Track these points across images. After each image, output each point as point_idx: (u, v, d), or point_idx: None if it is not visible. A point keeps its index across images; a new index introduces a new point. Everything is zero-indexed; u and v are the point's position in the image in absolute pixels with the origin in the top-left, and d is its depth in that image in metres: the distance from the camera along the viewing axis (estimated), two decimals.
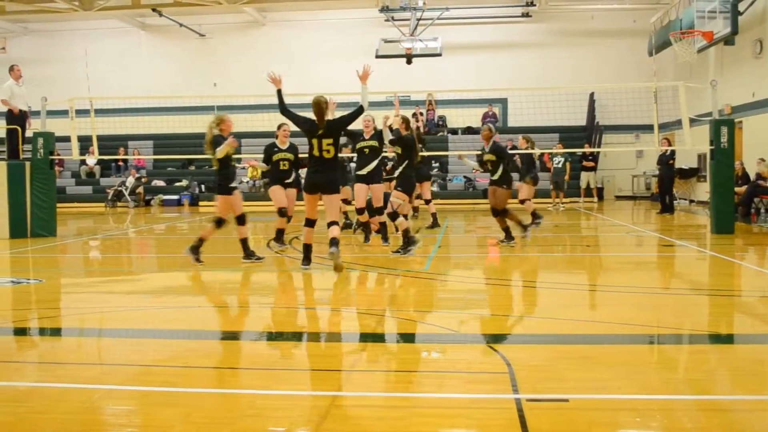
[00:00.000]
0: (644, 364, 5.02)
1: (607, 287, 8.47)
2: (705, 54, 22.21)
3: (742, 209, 16.61)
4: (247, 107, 28.49)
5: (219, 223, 10.34)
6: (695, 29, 19.89)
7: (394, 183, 11.32)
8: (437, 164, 28.77)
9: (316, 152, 9.33)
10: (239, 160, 16.30)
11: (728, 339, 5.83)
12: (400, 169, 10.99)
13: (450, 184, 27.58)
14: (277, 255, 11.18)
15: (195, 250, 10.26)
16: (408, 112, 29.40)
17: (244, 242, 10.50)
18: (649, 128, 18.28)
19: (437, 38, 25.92)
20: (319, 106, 9.42)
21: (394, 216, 10.85)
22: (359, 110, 9.62)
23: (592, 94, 28.46)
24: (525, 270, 9.97)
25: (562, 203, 22.43)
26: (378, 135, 11.39)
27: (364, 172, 11.25)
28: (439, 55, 25.88)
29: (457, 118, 29.60)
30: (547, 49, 29.61)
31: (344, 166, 14.29)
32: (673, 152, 18.77)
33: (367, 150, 11.31)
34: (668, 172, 19.24)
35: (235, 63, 30.52)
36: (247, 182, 27.90)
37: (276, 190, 11.82)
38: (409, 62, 25.61)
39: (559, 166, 22.53)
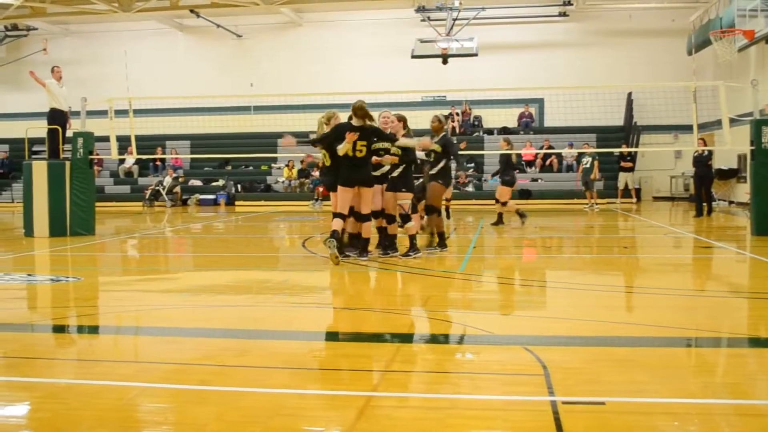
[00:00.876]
0: (682, 368, 4.94)
1: (645, 289, 8.36)
2: (745, 53, 21.86)
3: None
4: (282, 107, 28.70)
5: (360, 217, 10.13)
6: (736, 28, 19.58)
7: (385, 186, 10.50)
8: (472, 164, 28.67)
9: (350, 152, 9.83)
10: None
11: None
12: (399, 170, 10.45)
13: (486, 184, 27.45)
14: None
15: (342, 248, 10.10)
16: (444, 112, 29.40)
17: (353, 238, 10.43)
18: (688, 128, 18.02)
19: (473, 38, 25.85)
20: (363, 109, 10.02)
21: (405, 218, 10.62)
22: (393, 138, 10.25)
23: (629, 94, 28.19)
24: (561, 271, 9.87)
25: (597, 203, 22.19)
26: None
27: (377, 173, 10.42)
28: (475, 55, 25.82)
29: (492, 117, 29.48)
30: (585, 48, 29.38)
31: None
32: (710, 153, 18.39)
33: (382, 152, 10.36)
34: (707, 173, 18.83)
35: (271, 63, 30.71)
36: (283, 182, 28.04)
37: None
38: (445, 62, 25.58)
39: (587, 166, 22.24)
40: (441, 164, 11.09)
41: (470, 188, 27.41)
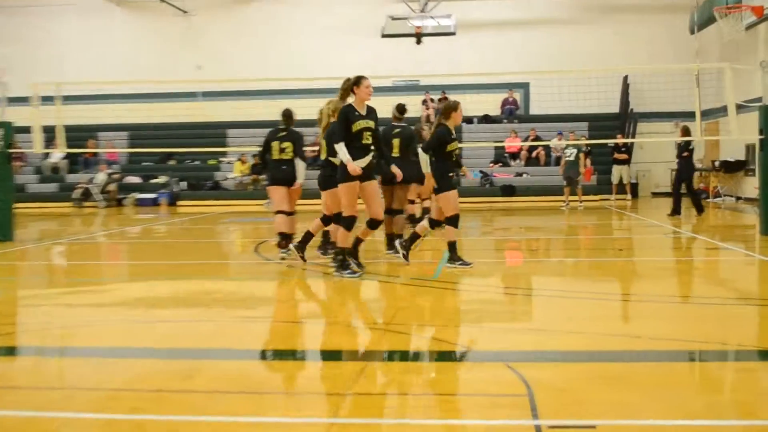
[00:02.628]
0: (684, 385, 4.96)
1: (642, 297, 8.41)
2: (754, 31, 22.12)
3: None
4: (234, 93, 28.61)
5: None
6: (743, 3, 19.82)
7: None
8: None
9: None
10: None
11: None
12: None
13: (464, 180, 27.51)
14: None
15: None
16: (417, 99, 29.45)
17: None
18: (690, 115, 18.17)
19: (451, 15, 25.93)
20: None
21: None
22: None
23: (625, 78, 28.41)
24: (548, 277, 9.91)
25: (581, 201, 22.14)
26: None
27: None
28: (453, 34, 25.89)
29: (472, 105, 29.52)
30: (575, 27, 29.55)
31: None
32: (687, 144, 18.18)
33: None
34: (685, 166, 18.37)
35: (222, 43, 30.53)
36: (234, 178, 27.89)
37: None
38: (418, 42, 25.62)
39: (572, 158, 22.14)
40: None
41: None
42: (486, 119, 28.88)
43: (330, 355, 5.95)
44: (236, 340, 6.48)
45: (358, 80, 9.41)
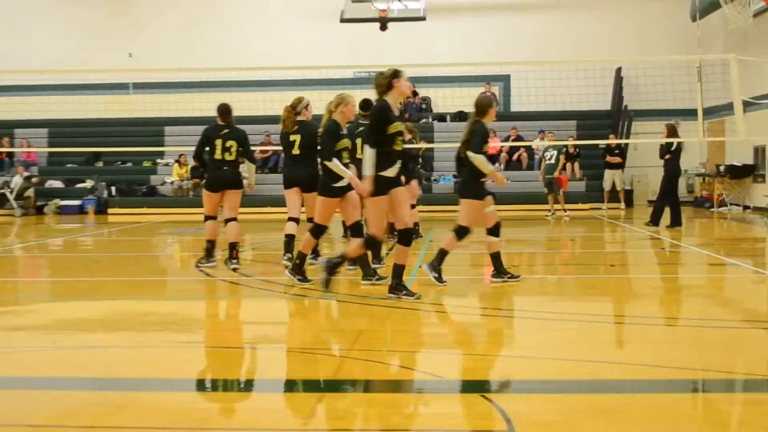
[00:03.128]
0: (685, 418, 5.00)
1: (637, 319, 8.46)
2: (763, 19, 22.44)
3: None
4: (172, 85, 28.45)
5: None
6: None
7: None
8: (419, 160, 28.74)
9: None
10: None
11: None
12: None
13: (435, 185, 27.59)
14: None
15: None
16: None
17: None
18: (691, 113, 18.37)
19: None
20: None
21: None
22: None
23: (619, 70, 28.66)
24: (530, 297, 9.94)
25: (565, 210, 22.22)
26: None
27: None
28: (423, 19, 25.91)
29: (445, 100, 29.63)
30: (563, 13, 29.77)
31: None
32: (669, 145, 18.15)
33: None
34: (671, 170, 18.28)
35: (157, 28, 30.39)
36: (172, 183, 27.76)
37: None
38: (383, 28, 25.60)
39: (552, 161, 22.18)
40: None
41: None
42: (461, 117, 28.91)
43: (281, 386, 5.93)
44: (173, 368, 6.44)
45: (397, 73, 9.09)
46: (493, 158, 28.05)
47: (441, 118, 29.82)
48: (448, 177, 27.29)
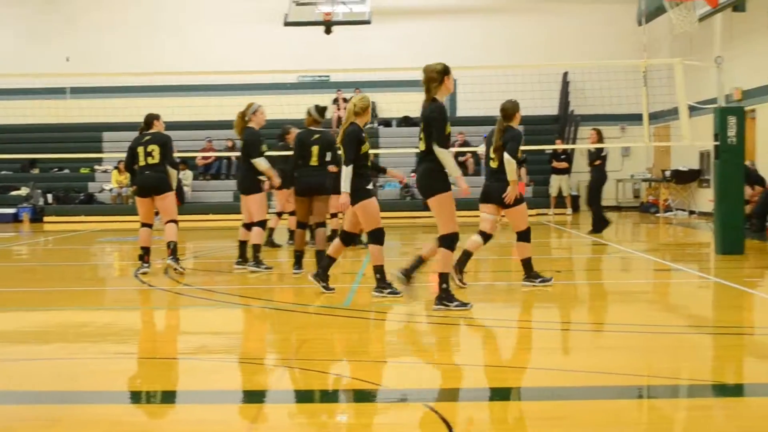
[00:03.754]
0: (631, 425, 5.03)
1: (582, 325, 8.52)
2: (708, 23, 22.75)
3: (754, 223, 17.00)
4: (111, 90, 28.13)
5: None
6: None
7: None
8: None
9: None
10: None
11: (738, 390, 5.90)
12: None
13: (381, 191, 27.59)
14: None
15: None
16: (327, 98, 29.47)
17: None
18: (637, 118, 18.58)
19: (365, 1, 25.94)
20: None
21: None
22: None
23: (565, 75, 28.90)
24: (476, 303, 9.96)
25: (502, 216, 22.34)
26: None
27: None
28: (368, 22, 25.93)
29: (390, 105, 29.67)
30: (509, 16, 29.93)
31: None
32: (600, 150, 18.46)
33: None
34: (597, 176, 18.35)
35: (96, 31, 30.06)
36: (111, 190, 27.44)
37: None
38: (328, 31, 25.58)
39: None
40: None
41: None
42: (406, 121, 29.01)
43: (219, 397, 5.86)
44: (109, 380, 6.35)
45: (447, 69, 9.07)
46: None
47: (386, 122, 29.84)
48: (393, 183, 27.30)
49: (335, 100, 29.66)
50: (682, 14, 20.36)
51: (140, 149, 11.92)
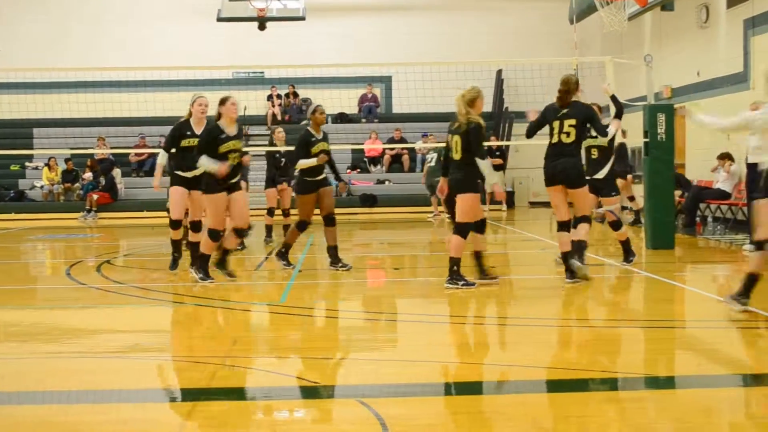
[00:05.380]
0: (560, 419, 5.07)
1: (514, 320, 8.57)
2: (639, 23, 23.08)
3: (684, 218, 17.27)
4: (42, 86, 27.66)
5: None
6: None
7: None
8: None
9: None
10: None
11: (668, 383, 5.99)
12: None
13: None
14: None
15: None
16: (262, 94, 29.35)
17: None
18: None
19: None
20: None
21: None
22: None
23: (499, 72, 29.06)
24: (411, 300, 10.00)
25: (444, 212, 22.53)
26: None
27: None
28: (302, 19, 25.82)
29: (326, 101, 29.55)
30: (444, 14, 30.03)
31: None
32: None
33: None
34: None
35: (26, 25, 29.54)
36: (42, 187, 27.01)
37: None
38: (262, 28, 25.43)
39: (433, 164, 22.39)
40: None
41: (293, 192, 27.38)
42: (342, 118, 28.95)
43: (151, 395, 5.80)
44: (37, 380, 6.25)
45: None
46: (375, 160, 28.20)
47: None
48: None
49: (269, 97, 29.54)
50: (612, 13, 20.64)
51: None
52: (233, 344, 7.39)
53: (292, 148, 13.81)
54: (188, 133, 11.08)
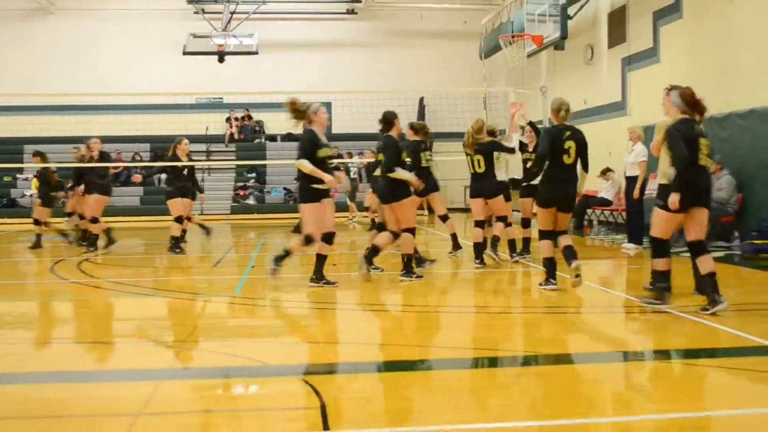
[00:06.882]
0: (476, 391, 5.06)
1: (437, 308, 8.56)
2: (537, 60, 23.30)
3: (574, 221, 17.47)
4: (30, 108, 27.07)
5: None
6: (525, 33, 20.81)
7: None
8: (253, 174, 28.46)
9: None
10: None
11: (566, 359, 6.02)
12: None
13: (268, 196, 27.37)
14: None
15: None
16: (221, 117, 29.11)
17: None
18: None
19: (253, 34, 25.74)
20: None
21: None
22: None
23: (421, 99, 29.18)
24: (345, 291, 9.92)
25: (354, 217, 22.73)
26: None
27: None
28: (256, 53, 25.71)
29: (275, 123, 29.46)
30: (375, 49, 30.11)
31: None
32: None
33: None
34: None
35: (16, 55, 28.95)
36: (31, 195, 26.38)
37: None
38: (221, 60, 25.27)
39: (354, 176, 23.09)
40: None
41: (251, 201, 27.19)
42: (289, 137, 28.81)
43: (118, 376, 5.64)
44: (16, 363, 6.07)
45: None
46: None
47: (272, 138, 29.61)
48: (278, 189, 27.17)
49: (228, 119, 29.35)
50: (514, 51, 20.83)
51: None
52: (192, 331, 7.26)
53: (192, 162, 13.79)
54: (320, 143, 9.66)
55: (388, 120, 10.47)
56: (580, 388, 5.14)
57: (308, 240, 9.35)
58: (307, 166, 9.29)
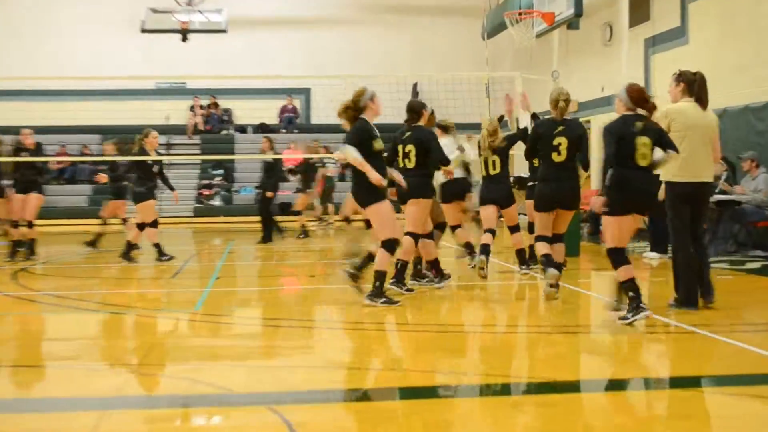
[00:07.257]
0: (462, 423, 5.05)
1: (419, 326, 8.50)
2: (547, 40, 23.31)
3: (589, 227, 17.48)
4: None
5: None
6: (534, 9, 20.83)
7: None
8: (220, 171, 28.41)
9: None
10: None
11: (575, 387, 6.01)
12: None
13: (237, 196, 27.34)
14: None
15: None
16: (184, 104, 29.07)
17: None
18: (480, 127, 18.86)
19: (222, 10, 25.75)
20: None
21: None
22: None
23: (415, 85, 29.18)
24: (320, 306, 9.92)
25: (325, 219, 22.70)
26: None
27: None
28: (224, 31, 25.72)
29: (246, 112, 29.44)
30: (362, 28, 30.09)
31: None
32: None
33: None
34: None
35: None
36: None
37: None
38: (184, 39, 25.26)
39: (332, 175, 23.33)
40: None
41: (217, 201, 27.15)
42: (262, 128, 28.81)
43: (54, 405, 5.59)
44: None
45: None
46: (292, 170, 28.02)
47: (242, 129, 29.58)
48: (249, 188, 27.14)
49: (191, 107, 29.28)
50: (521, 30, 20.84)
51: None
52: (147, 352, 7.22)
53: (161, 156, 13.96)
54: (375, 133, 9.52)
55: (416, 109, 10.38)
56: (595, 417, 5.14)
57: (391, 246, 9.08)
58: (352, 153, 8.99)
